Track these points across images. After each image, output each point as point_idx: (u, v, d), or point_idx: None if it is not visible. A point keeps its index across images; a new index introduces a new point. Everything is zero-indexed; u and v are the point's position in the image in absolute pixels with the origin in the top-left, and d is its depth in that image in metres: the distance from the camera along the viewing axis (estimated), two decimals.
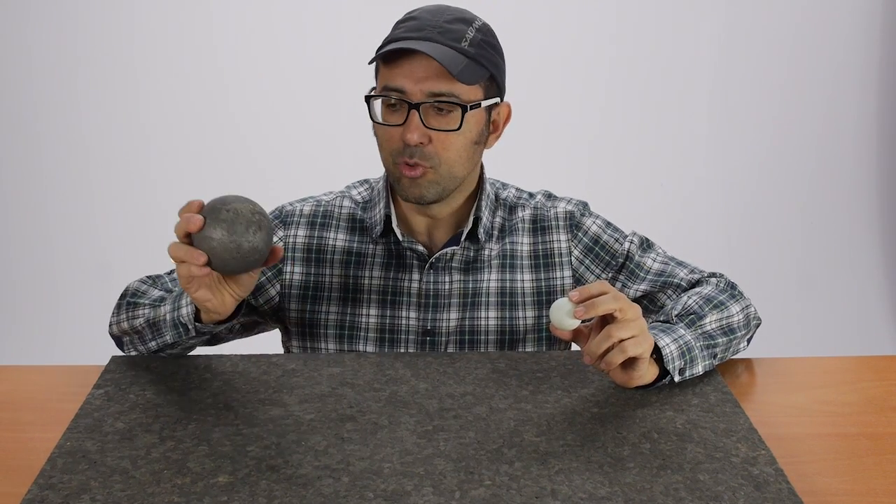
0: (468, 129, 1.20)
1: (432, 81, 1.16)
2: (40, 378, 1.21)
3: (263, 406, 1.08)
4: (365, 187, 1.38)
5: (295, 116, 3.25)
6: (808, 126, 3.36)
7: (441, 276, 1.31)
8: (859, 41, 3.31)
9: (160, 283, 1.31)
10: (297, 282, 1.32)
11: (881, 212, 3.40)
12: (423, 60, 1.16)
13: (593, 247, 1.34)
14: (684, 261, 1.36)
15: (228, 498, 0.89)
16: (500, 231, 1.34)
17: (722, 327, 1.20)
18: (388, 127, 1.21)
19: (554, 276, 1.34)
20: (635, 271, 1.33)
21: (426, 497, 0.89)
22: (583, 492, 0.90)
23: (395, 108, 1.20)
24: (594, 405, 1.08)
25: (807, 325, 3.12)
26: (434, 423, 1.04)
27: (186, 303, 1.15)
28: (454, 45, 1.17)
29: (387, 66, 1.19)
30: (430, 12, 1.21)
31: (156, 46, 3.22)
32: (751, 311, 1.27)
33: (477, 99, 1.20)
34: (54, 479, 0.93)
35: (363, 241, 1.32)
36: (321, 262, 1.32)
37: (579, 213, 1.36)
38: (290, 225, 1.33)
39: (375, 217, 1.32)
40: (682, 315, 1.21)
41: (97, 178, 3.28)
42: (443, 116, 1.19)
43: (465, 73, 1.16)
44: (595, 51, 3.28)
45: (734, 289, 1.29)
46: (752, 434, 1.01)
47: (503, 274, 1.32)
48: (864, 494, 0.94)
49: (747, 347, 1.27)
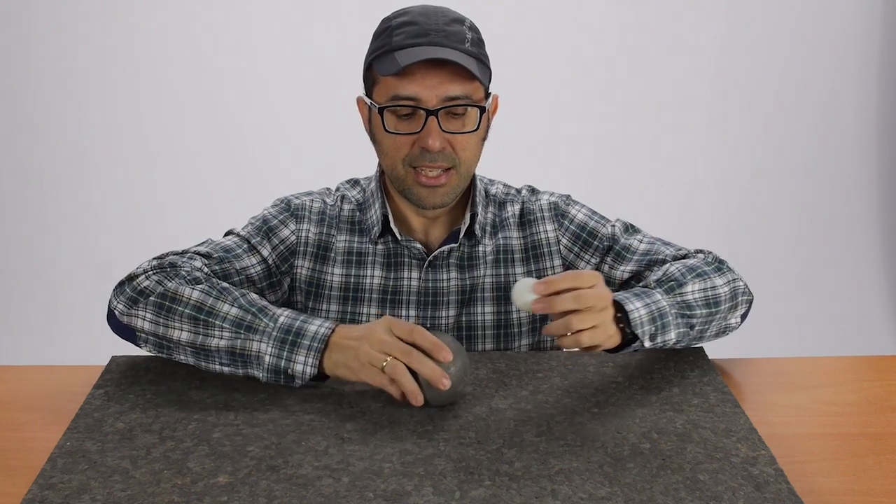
0: (481, 127, 1.23)
1: (446, 86, 1.17)
2: (40, 378, 1.21)
3: (263, 406, 1.08)
4: (357, 189, 1.38)
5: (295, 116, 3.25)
6: (807, 126, 3.36)
7: (440, 274, 1.32)
8: (859, 41, 3.31)
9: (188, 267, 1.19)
10: (304, 276, 1.33)
11: (881, 212, 3.40)
12: (434, 67, 1.17)
13: (581, 234, 1.34)
14: (672, 242, 1.35)
15: (228, 498, 0.89)
16: (493, 227, 1.35)
17: (704, 298, 1.19)
18: (398, 136, 1.21)
19: (544, 266, 1.35)
20: (621, 253, 1.32)
21: (426, 497, 0.89)
22: (583, 492, 0.90)
23: (407, 117, 1.20)
24: (594, 405, 1.08)
25: (807, 325, 3.12)
26: (434, 423, 1.04)
27: (308, 361, 1.06)
28: (461, 47, 1.18)
29: (395, 76, 1.18)
30: (423, 15, 1.21)
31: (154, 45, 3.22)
32: (738, 286, 1.24)
33: (483, 98, 1.23)
34: (54, 479, 0.93)
35: (363, 241, 1.33)
36: (326, 261, 1.33)
37: (563, 203, 1.37)
38: (301, 219, 1.33)
39: (373, 218, 1.32)
40: (661, 281, 1.20)
41: (97, 178, 3.28)
42: (458, 119, 1.20)
43: (480, 74, 1.19)
44: (595, 51, 3.28)
45: (722, 264, 1.26)
46: (752, 434, 1.01)
47: (498, 269, 1.34)
48: (864, 494, 0.94)
49: (740, 323, 1.26)
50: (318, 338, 1.06)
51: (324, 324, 1.08)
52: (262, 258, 1.29)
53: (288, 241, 1.32)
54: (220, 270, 1.24)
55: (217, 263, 1.24)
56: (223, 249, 1.26)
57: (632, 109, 3.34)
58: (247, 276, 1.27)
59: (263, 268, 1.29)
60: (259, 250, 1.29)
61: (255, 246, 1.29)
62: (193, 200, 3.22)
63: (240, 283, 1.26)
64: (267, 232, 1.31)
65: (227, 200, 2.79)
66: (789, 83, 3.32)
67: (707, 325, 1.19)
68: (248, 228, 1.31)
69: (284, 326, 1.08)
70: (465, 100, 1.18)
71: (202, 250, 1.25)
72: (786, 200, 3.40)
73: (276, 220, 1.32)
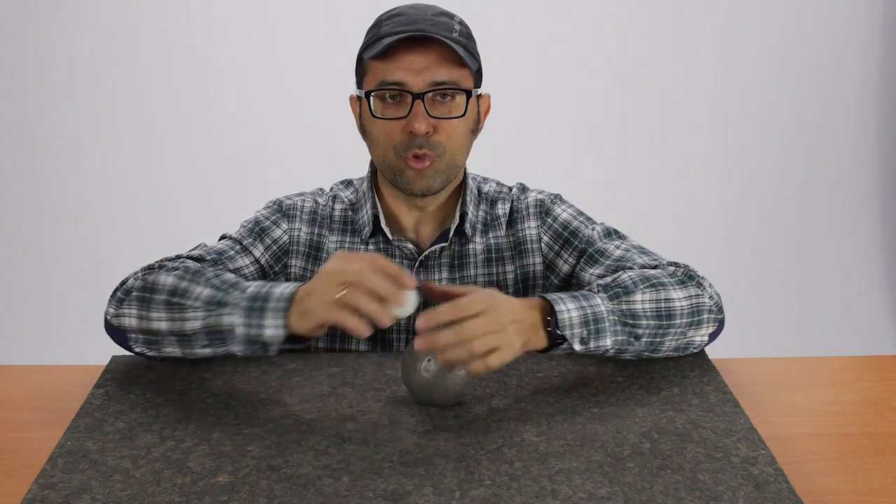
0: (469, 115, 1.23)
1: (433, 70, 1.18)
2: (40, 378, 1.21)
3: (263, 406, 1.08)
4: (350, 189, 1.38)
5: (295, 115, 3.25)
6: (807, 126, 3.36)
7: (431, 274, 1.32)
8: (859, 41, 3.30)
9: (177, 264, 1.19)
10: (298, 276, 1.33)
11: (881, 212, 3.40)
12: (420, 51, 1.18)
13: (562, 232, 1.33)
14: (653, 252, 1.30)
15: (228, 498, 0.89)
16: (484, 225, 1.35)
17: (655, 309, 1.13)
18: (386, 121, 1.21)
19: (527, 262, 1.34)
20: (594, 256, 1.29)
21: (426, 497, 0.89)
22: (583, 492, 0.90)
23: (394, 102, 1.20)
24: (594, 405, 1.08)
25: (807, 325, 3.12)
26: (434, 423, 1.04)
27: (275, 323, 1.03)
28: (448, 35, 1.19)
29: (381, 61, 1.19)
30: (413, 8, 1.23)
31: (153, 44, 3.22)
32: (703, 303, 1.17)
33: (472, 87, 1.23)
34: (54, 478, 0.93)
35: (354, 241, 1.33)
36: (319, 261, 1.33)
37: (549, 202, 1.36)
38: (293, 218, 1.33)
39: (364, 218, 1.32)
40: (608, 286, 1.14)
41: (96, 178, 3.28)
42: (445, 104, 1.20)
43: (467, 58, 1.19)
44: (595, 51, 3.27)
45: (691, 279, 1.19)
46: (752, 434, 1.01)
47: (489, 268, 1.34)
48: (864, 494, 0.94)
49: (707, 342, 1.20)
50: (282, 298, 1.03)
51: (290, 285, 1.05)
52: (254, 259, 1.29)
53: (280, 240, 1.32)
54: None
55: (210, 266, 1.24)
56: (216, 252, 1.26)
57: (632, 109, 3.34)
58: (242, 277, 1.27)
59: (257, 268, 1.29)
60: (251, 251, 1.29)
61: (247, 247, 1.29)
62: (193, 200, 3.22)
63: None
64: (259, 233, 1.31)
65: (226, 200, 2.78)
66: (789, 83, 3.32)
67: (660, 338, 1.14)
68: (240, 231, 1.32)
69: (251, 295, 1.05)
70: (452, 84, 1.19)
71: (195, 254, 1.25)
72: (786, 200, 3.40)
73: (268, 221, 1.32)
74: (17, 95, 3.22)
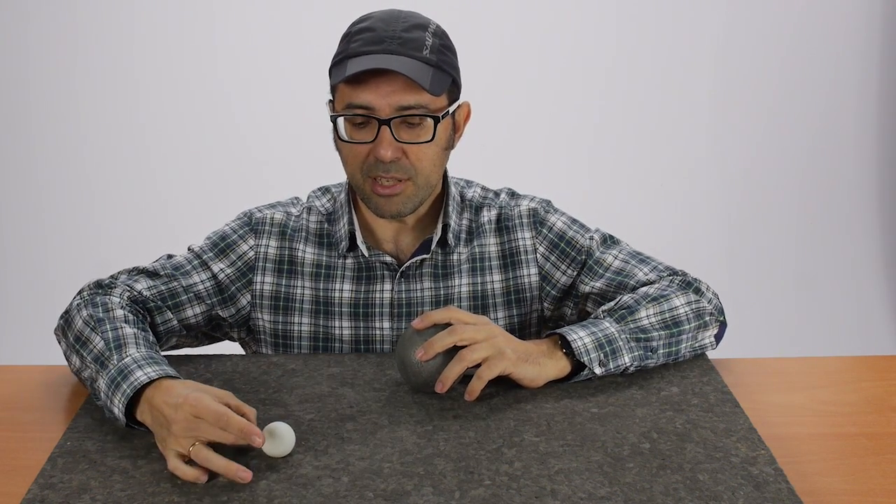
0: (439, 137, 1.19)
1: (399, 95, 1.14)
2: (40, 378, 1.21)
3: (263, 406, 1.08)
4: (327, 198, 1.34)
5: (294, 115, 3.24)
6: (808, 126, 3.36)
7: (413, 285, 1.29)
8: (859, 41, 3.30)
9: (120, 289, 1.21)
10: (268, 292, 1.30)
11: (881, 212, 3.40)
12: (388, 75, 1.13)
13: (558, 243, 1.31)
14: (651, 258, 1.31)
15: (228, 498, 0.89)
16: (468, 234, 1.32)
17: (662, 321, 1.17)
18: (354, 145, 1.18)
19: (521, 274, 1.32)
20: (594, 268, 1.29)
21: (426, 497, 0.89)
22: (583, 492, 0.90)
23: (363, 125, 1.17)
24: (594, 405, 1.08)
25: (807, 325, 3.12)
26: (434, 423, 1.04)
27: (119, 405, 1.00)
28: (416, 55, 1.14)
29: (348, 84, 1.16)
30: (383, 21, 1.18)
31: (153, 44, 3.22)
32: (703, 307, 1.21)
33: (444, 106, 1.19)
34: (54, 478, 0.93)
35: (331, 254, 1.30)
36: (293, 274, 1.30)
37: (543, 210, 1.34)
38: (261, 234, 1.30)
39: (340, 232, 1.29)
40: (613, 311, 1.18)
41: (96, 178, 3.28)
42: (413, 129, 1.17)
43: (434, 84, 1.14)
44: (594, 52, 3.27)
45: (689, 286, 1.23)
46: (751, 434, 1.01)
47: (474, 278, 1.31)
48: (864, 494, 0.94)
49: (715, 344, 1.23)
50: (134, 384, 1.00)
51: (152, 371, 1.01)
52: (212, 274, 1.27)
53: (246, 256, 1.29)
54: (166, 290, 1.24)
55: (164, 283, 1.24)
56: (172, 267, 1.26)
57: (631, 109, 3.34)
58: (195, 294, 1.26)
59: (213, 284, 1.27)
60: (210, 266, 1.27)
61: (206, 262, 1.27)
62: (193, 199, 3.22)
63: (188, 300, 1.25)
64: (224, 248, 1.29)
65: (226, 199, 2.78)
66: (789, 83, 3.32)
67: (675, 346, 1.18)
68: (203, 244, 1.30)
69: (120, 366, 1.03)
70: (419, 109, 1.15)
71: (150, 268, 1.25)
72: (786, 200, 3.40)
73: (236, 236, 1.29)
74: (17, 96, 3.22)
